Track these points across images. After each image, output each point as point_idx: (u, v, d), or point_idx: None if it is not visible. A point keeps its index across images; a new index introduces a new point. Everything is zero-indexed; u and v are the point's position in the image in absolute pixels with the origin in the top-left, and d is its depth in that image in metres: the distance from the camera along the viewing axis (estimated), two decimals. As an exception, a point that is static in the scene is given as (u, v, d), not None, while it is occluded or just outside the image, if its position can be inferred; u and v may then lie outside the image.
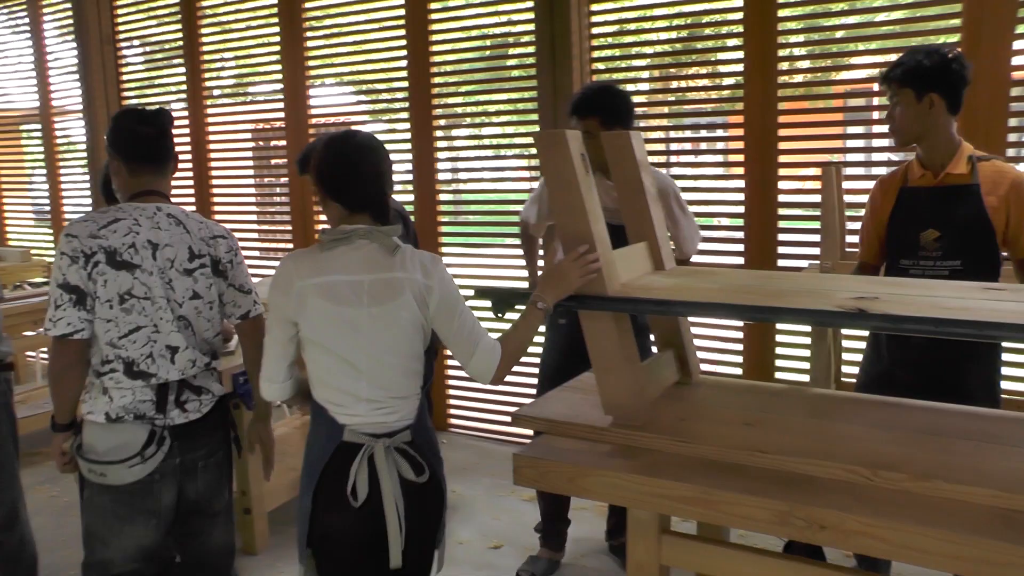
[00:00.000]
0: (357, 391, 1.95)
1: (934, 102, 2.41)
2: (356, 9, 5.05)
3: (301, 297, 1.92)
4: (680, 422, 1.99)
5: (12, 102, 7.45)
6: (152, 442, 2.18)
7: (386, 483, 1.93)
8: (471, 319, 2.00)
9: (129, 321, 2.15)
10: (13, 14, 7.17)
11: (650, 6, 4.15)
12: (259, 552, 3.53)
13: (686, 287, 2.03)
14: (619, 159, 2.18)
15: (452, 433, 4.96)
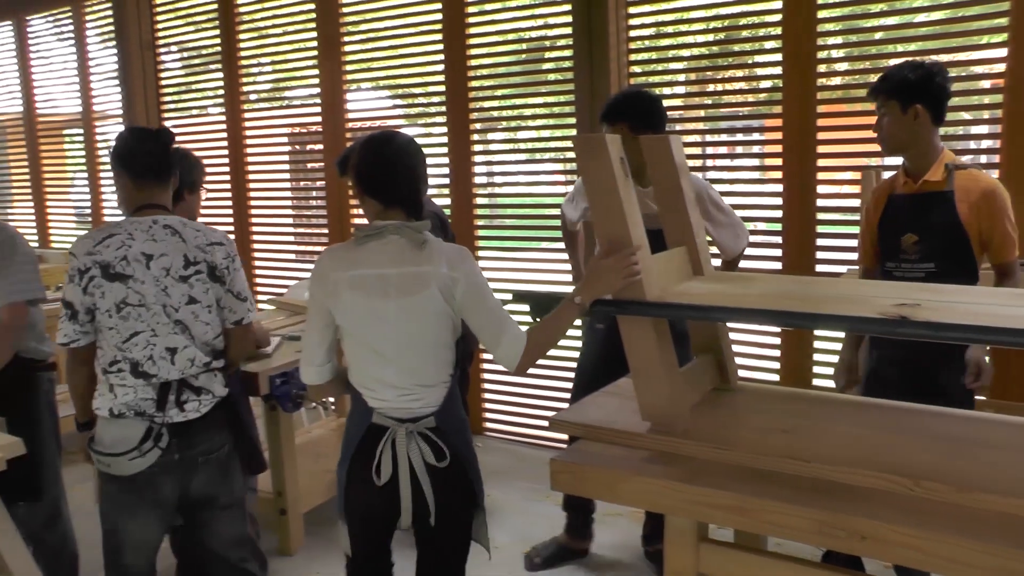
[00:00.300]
0: (385, 378, 2.09)
1: (919, 113, 2.55)
2: (393, 14, 5.07)
3: (335, 289, 2.07)
4: (719, 429, 1.98)
5: (56, 107, 7.59)
6: (149, 438, 2.32)
7: (403, 465, 2.08)
8: (498, 309, 2.08)
9: (127, 327, 2.32)
10: (59, 22, 7.31)
11: (687, 8, 4.13)
12: (294, 553, 3.55)
13: (725, 293, 2.01)
14: (658, 163, 2.17)
15: (487, 437, 4.96)
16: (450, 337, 2.12)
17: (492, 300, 2.09)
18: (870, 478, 1.69)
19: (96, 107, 7.05)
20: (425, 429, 2.10)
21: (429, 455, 2.08)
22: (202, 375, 2.40)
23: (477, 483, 2.21)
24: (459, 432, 2.16)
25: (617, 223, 1.89)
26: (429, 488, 2.09)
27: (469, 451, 2.19)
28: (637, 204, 1.97)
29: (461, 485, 2.15)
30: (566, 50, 4.41)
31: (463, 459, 2.15)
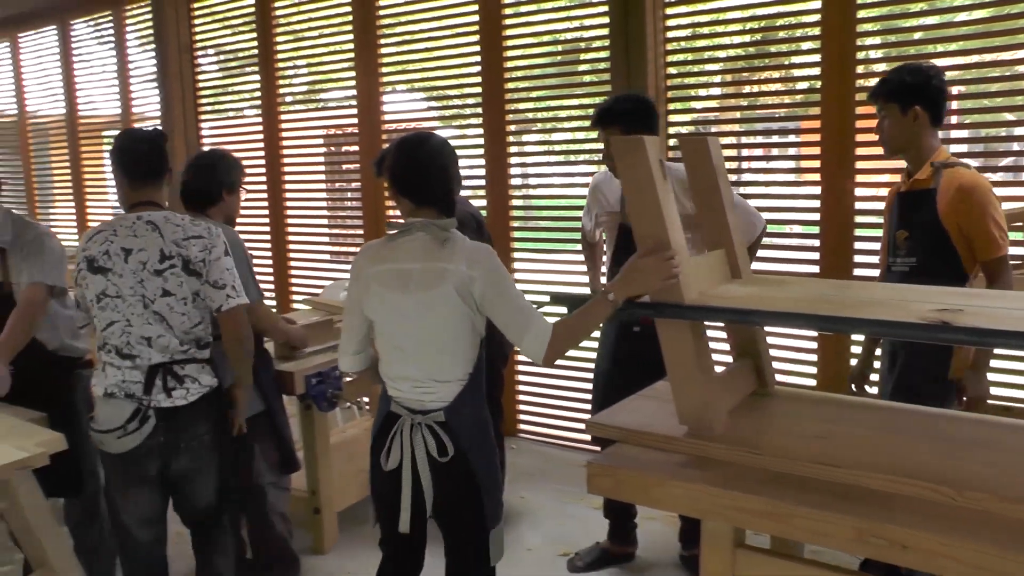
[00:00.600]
0: (403, 370, 2.20)
1: (918, 115, 2.63)
2: (429, 16, 5.09)
3: (366, 283, 2.21)
4: (755, 434, 1.96)
5: (96, 109, 7.72)
6: (135, 418, 2.47)
7: (407, 454, 2.17)
8: (522, 303, 2.11)
9: (105, 316, 2.50)
10: (99, 26, 7.43)
11: (724, 9, 4.10)
12: (327, 552, 3.57)
13: (763, 296, 2.00)
14: (696, 165, 2.16)
15: (521, 439, 4.95)
16: (468, 335, 2.17)
17: (514, 295, 2.12)
18: (912, 487, 1.66)
19: (135, 109, 7.16)
20: (433, 422, 2.16)
21: (432, 448, 2.15)
22: (188, 364, 2.52)
23: (487, 484, 2.22)
24: (469, 430, 2.19)
25: (655, 224, 1.88)
26: (428, 479, 2.16)
27: (480, 451, 2.20)
28: (675, 206, 1.96)
29: (464, 482, 2.18)
30: (602, 52, 4.40)
31: (469, 457, 2.17)
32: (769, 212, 4.17)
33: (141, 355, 2.48)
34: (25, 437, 2.56)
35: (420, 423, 2.17)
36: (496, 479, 2.29)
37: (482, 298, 2.11)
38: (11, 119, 8.59)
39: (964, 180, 2.58)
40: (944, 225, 2.58)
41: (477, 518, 2.22)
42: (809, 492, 1.71)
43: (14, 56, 8.30)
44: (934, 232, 2.61)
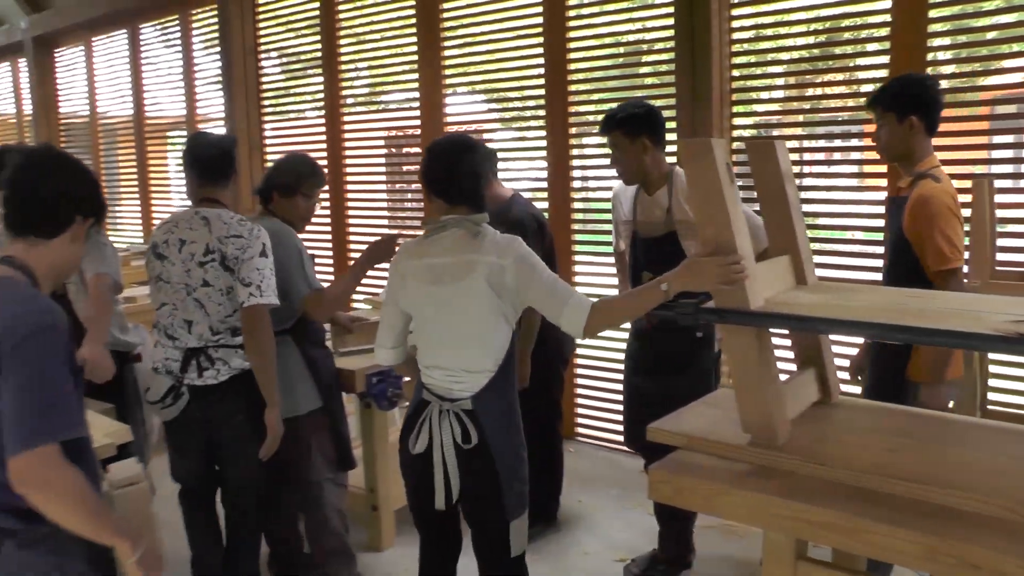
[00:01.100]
0: (436, 360, 2.31)
1: (914, 124, 2.72)
2: (493, 18, 5.10)
3: (403, 277, 2.33)
4: (820, 444, 1.92)
5: (162, 110, 7.91)
6: (170, 394, 2.79)
7: (435, 440, 2.26)
8: (556, 282, 2.20)
9: (159, 298, 2.83)
10: (166, 30, 7.61)
11: (789, 10, 4.03)
12: (384, 549, 3.60)
13: (830, 304, 1.95)
14: (762, 169, 2.12)
15: (579, 442, 4.93)
16: (497, 327, 2.25)
17: (546, 275, 2.20)
18: (985, 504, 1.61)
19: (199, 111, 7.31)
20: (460, 410, 2.25)
21: (458, 435, 2.24)
22: (221, 348, 2.78)
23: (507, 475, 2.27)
24: (494, 420, 2.26)
25: (722, 228, 1.85)
26: (454, 464, 2.25)
27: (503, 442, 2.27)
28: (742, 209, 1.93)
29: (485, 470, 2.25)
30: (665, 53, 4.36)
31: (491, 446, 2.24)
32: (831, 218, 4.10)
33: (181, 338, 2.78)
34: (94, 428, 2.63)
35: (448, 410, 2.26)
36: (518, 471, 2.33)
37: (516, 284, 2.20)
38: (83, 120, 8.85)
39: (924, 191, 2.66)
40: (905, 233, 2.68)
41: (497, 507, 2.28)
42: (875, 506, 1.66)
43: (87, 60, 8.56)
44: (901, 239, 2.71)
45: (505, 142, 5.03)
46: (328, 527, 3.11)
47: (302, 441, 3.02)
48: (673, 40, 4.26)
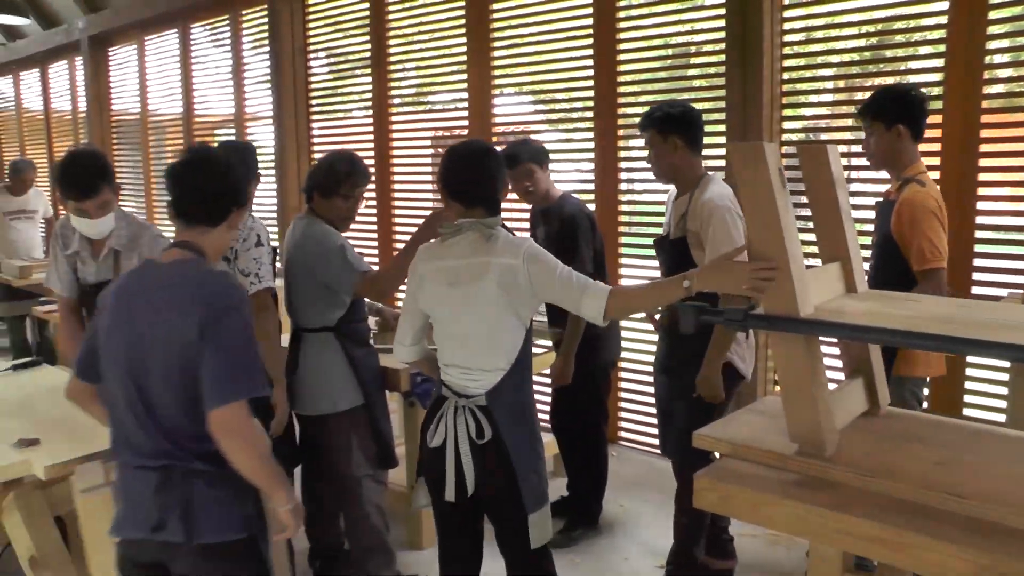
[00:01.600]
0: (453, 358, 2.40)
1: (901, 132, 2.88)
2: (543, 19, 5.10)
3: (421, 279, 2.43)
4: (868, 456, 1.88)
5: (210, 108, 8.03)
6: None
7: (450, 434, 2.36)
8: (571, 274, 2.26)
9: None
10: (216, 30, 7.73)
11: (841, 12, 3.97)
12: (425, 548, 3.62)
13: (880, 313, 1.92)
14: (814, 174, 2.09)
15: (623, 447, 4.91)
16: (509, 326, 2.33)
17: (561, 269, 2.27)
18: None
19: (248, 109, 7.41)
20: (475, 406, 2.34)
21: (472, 430, 2.33)
22: None
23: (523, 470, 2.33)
24: (508, 416, 2.34)
25: (773, 234, 1.82)
26: (469, 458, 2.34)
27: (517, 437, 2.35)
28: (793, 215, 1.90)
29: (500, 464, 2.33)
30: (715, 56, 4.32)
31: (505, 441, 2.32)
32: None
33: None
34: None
35: (464, 406, 2.35)
36: (535, 466, 2.39)
37: (530, 282, 2.26)
38: (134, 117, 9.02)
39: (908, 196, 2.83)
40: (894, 236, 2.84)
41: (515, 501, 2.35)
42: (926, 521, 1.62)
43: (140, 58, 8.72)
44: (887, 241, 2.88)
45: (552, 143, 5.01)
46: (368, 524, 3.13)
47: (342, 438, 3.05)
48: (724, 42, 4.22)
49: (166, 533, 1.94)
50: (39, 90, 10.77)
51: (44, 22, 9.78)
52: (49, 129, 10.67)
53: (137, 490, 1.99)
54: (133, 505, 2.00)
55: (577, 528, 3.79)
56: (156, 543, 1.97)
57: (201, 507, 1.96)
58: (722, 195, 2.99)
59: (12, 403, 2.92)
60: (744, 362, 3.12)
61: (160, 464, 1.97)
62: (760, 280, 1.85)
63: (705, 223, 2.93)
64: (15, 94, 11.41)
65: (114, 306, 2.03)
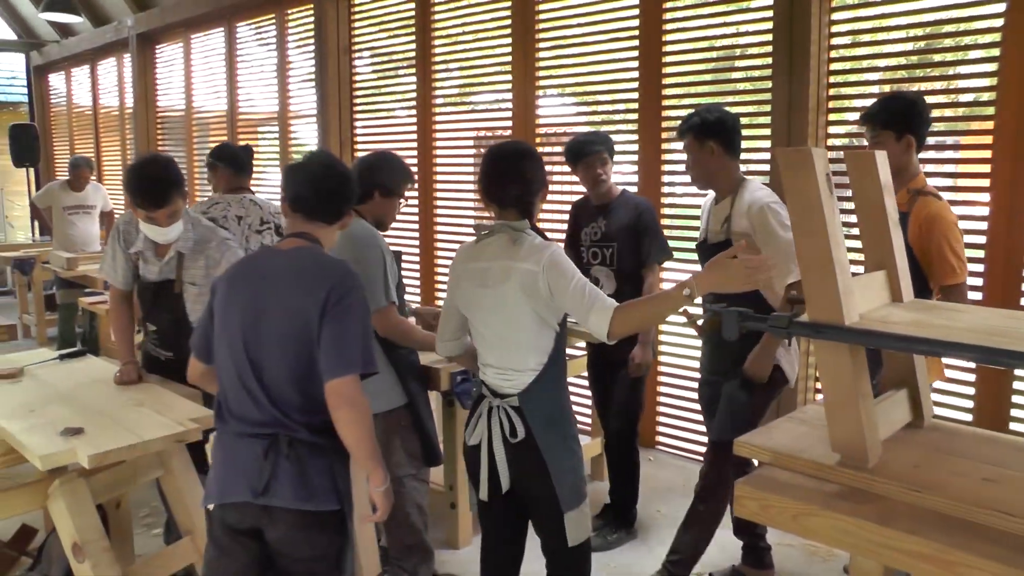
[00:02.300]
0: (486, 358, 2.46)
1: (910, 143, 2.85)
2: (588, 20, 5.09)
3: (458, 278, 2.50)
4: (912, 469, 1.84)
5: (254, 106, 8.12)
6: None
7: (485, 433, 2.42)
8: (585, 287, 2.27)
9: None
10: (261, 29, 7.81)
11: (890, 15, 3.90)
12: (461, 547, 3.64)
13: (928, 323, 1.88)
14: (861, 180, 2.06)
15: (660, 451, 4.88)
16: (536, 328, 2.35)
17: (576, 281, 2.28)
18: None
19: (292, 107, 7.48)
20: (508, 406, 2.38)
21: (506, 429, 2.37)
22: None
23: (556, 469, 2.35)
24: (541, 416, 2.37)
25: (819, 241, 1.80)
26: (503, 457, 2.38)
27: (550, 437, 2.36)
28: (840, 221, 1.87)
29: (533, 463, 2.36)
30: (761, 59, 4.28)
31: (538, 441, 2.35)
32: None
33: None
34: (181, 412, 2.73)
35: (498, 406, 2.40)
36: (569, 465, 2.40)
37: (548, 290, 2.28)
38: (179, 113, 9.16)
39: (931, 210, 2.78)
40: (914, 249, 2.75)
41: (551, 500, 2.37)
42: (973, 538, 1.58)
43: (186, 56, 8.85)
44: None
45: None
46: (408, 523, 3.13)
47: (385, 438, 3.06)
48: (771, 45, 4.17)
49: (273, 497, 2.08)
50: (88, 86, 10.99)
51: (95, 20, 9.98)
52: (97, 125, 10.88)
53: (243, 457, 2.13)
54: (238, 471, 2.14)
55: (617, 532, 3.79)
56: (258, 508, 2.10)
57: (306, 474, 2.12)
58: (770, 193, 3.04)
59: (58, 392, 2.98)
60: (790, 367, 3.12)
61: (268, 432, 2.13)
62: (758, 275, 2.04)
63: (756, 223, 2.94)
64: (66, 90, 11.65)
65: (229, 288, 2.24)
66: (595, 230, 3.72)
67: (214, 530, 2.21)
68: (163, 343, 3.31)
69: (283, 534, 2.13)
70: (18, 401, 2.85)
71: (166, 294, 3.23)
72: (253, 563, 2.18)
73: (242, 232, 3.83)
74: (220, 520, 2.18)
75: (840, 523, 1.69)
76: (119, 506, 3.22)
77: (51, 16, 8.91)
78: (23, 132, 8.87)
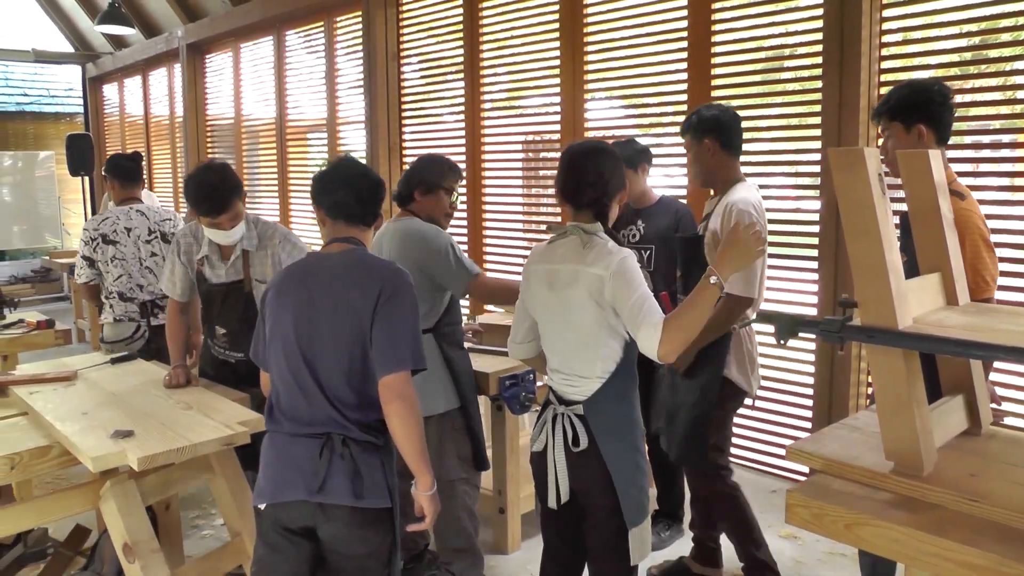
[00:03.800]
0: (553, 363, 2.43)
1: (922, 134, 2.56)
2: (636, 22, 5.07)
3: (528, 279, 2.46)
4: (970, 477, 1.79)
5: (303, 113, 8.22)
6: (136, 334, 4.02)
7: (550, 440, 2.38)
8: (645, 302, 2.22)
9: (115, 271, 4.00)
10: (310, 37, 7.90)
11: (943, 10, 3.81)
12: (510, 552, 3.63)
13: (985, 327, 1.82)
14: (914, 180, 2.01)
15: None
16: (603, 335, 2.30)
17: (639, 293, 2.22)
18: None
19: (340, 114, 7.55)
20: (573, 414, 2.33)
21: (569, 437, 2.33)
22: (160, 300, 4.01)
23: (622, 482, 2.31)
24: (606, 426, 2.31)
25: (871, 243, 1.75)
26: (564, 465, 2.34)
27: (616, 448, 2.31)
28: (892, 223, 1.82)
29: (597, 474, 2.31)
30: (811, 58, 4.21)
31: (604, 451, 2.29)
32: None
33: (137, 296, 4.03)
34: (230, 416, 2.76)
35: (563, 413, 2.35)
36: (635, 479, 2.35)
37: (612, 298, 2.24)
38: (228, 121, 9.30)
39: (958, 216, 2.39)
40: None
41: (614, 512, 2.31)
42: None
43: (235, 65, 8.99)
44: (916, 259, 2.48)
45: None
46: (458, 526, 3.14)
47: (438, 440, 3.06)
48: (820, 44, 4.10)
49: (328, 495, 2.14)
50: (140, 96, 11.23)
51: (147, 31, 10.20)
52: (148, 133, 11.11)
53: (298, 456, 2.19)
54: (293, 470, 2.19)
55: (668, 528, 3.78)
56: (312, 506, 2.16)
57: (359, 471, 2.18)
58: (746, 200, 2.98)
59: (109, 395, 3.03)
60: (745, 378, 3.10)
61: (323, 431, 2.20)
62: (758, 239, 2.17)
63: (726, 224, 2.95)
64: (119, 100, 11.92)
65: (280, 292, 2.32)
66: (632, 232, 3.72)
67: (266, 529, 2.24)
68: (233, 344, 3.38)
69: (337, 531, 2.17)
70: (72, 404, 2.91)
71: (236, 295, 3.36)
72: (304, 562, 2.22)
73: (134, 243, 4.01)
74: (273, 519, 2.22)
75: (894, 533, 1.65)
76: (168, 508, 3.27)
77: (106, 28, 9.11)
78: (79, 142, 9.08)
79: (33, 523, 2.80)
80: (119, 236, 4.01)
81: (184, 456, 2.53)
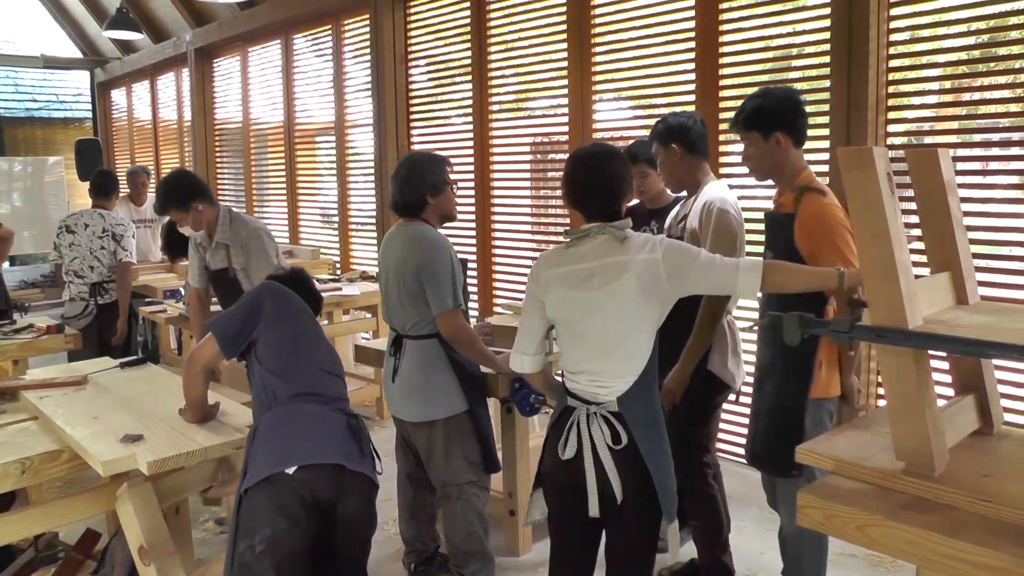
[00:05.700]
0: (581, 364, 2.33)
1: (780, 140, 2.67)
2: (644, 23, 5.06)
3: (546, 285, 2.37)
4: (983, 478, 1.77)
5: (311, 117, 8.23)
6: (86, 311, 5.41)
7: (585, 443, 2.29)
8: (716, 257, 2.26)
9: (70, 255, 5.43)
10: (318, 41, 7.92)
11: (952, 8, 3.79)
12: (521, 554, 3.63)
13: (996, 326, 1.81)
14: (924, 179, 1.99)
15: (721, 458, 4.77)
16: (643, 330, 2.28)
17: (704, 255, 2.26)
18: None
19: (348, 116, 7.56)
20: (607, 412, 2.28)
21: (608, 436, 2.26)
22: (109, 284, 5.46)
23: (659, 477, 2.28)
24: (640, 422, 2.28)
25: (881, 243, 1.74)
26: (612, 464, 2.26)
27: (651, 444, 2.28)
28: (902, 222, 1.81)
29: (637, 471, 2.27)
30: (819, 57, 4.20)
31: (642, 447, 2.26)
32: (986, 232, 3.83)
33: (88, 276, 5.39)
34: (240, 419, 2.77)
35: (595, 412, 2.29)
36: (669, 472, 2.34)
37: (672, 273, 2.22)
38: (236, 125, 9.33)
39: (819, 206, 2.59)
40: (799, 250, 2.58)
41: (646, 513, 2.30)
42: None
43: (243, 69, 9.02)
44: (789, 257, 2.57)
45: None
46: (469, 529, 3.14)
47: (446, 444, 3.06)
48: (828, 43, 4.09)
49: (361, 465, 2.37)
50: (148, 101, 11.27)
51: (155, 36, 10.23)
52: (156, 138, 11.15)
53: (333, 425, 2.42)
54: (324, 437, 2.38)
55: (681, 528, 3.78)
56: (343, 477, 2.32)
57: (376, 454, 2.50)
58: (724, 199, 3.06)
59: (119, 399, 3.04)
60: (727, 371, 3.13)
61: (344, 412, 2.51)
62: None
63: (703, 222, 3.01)
64: (127, 105, 11.97)
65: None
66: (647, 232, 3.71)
67: (287, 501, 2.25)
68: None
69: (357, 505, 2.34)
70: (82, 408, 2.92)
71: (225, 279, 4.04)
72: (316, 538, 2.31)
73: (88, 236, 5.42)
74: (301, 485, 2.27)
75: (907, 534, 1.64)
76: (178, 511, 3.27)
77: (114, 34, 9.15)
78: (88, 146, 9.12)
79: (44, 527, 2.81)
80: (78, 229, 5.43)
81: (194, 460, 2.54)
